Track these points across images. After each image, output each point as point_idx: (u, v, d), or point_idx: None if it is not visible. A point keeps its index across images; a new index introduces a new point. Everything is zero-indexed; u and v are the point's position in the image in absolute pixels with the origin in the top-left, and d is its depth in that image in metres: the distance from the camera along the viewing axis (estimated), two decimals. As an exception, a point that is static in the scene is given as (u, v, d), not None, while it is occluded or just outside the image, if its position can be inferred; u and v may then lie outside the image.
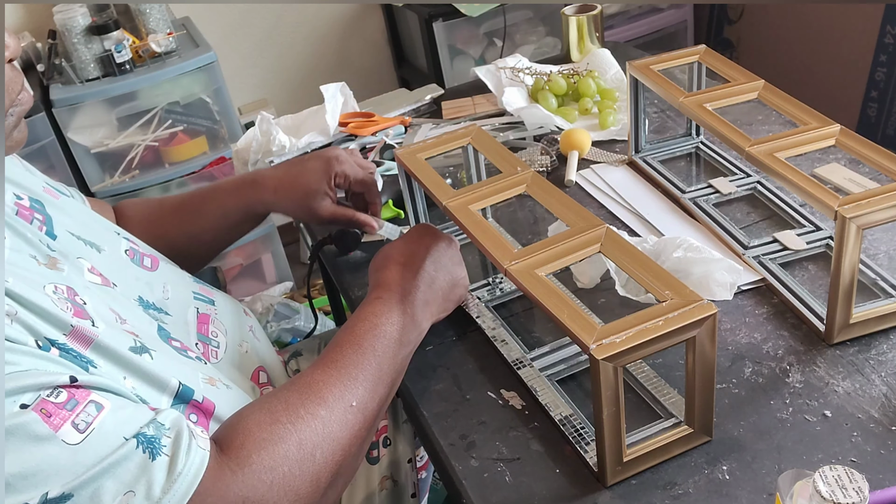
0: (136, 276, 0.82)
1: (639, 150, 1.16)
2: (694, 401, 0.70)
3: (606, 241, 0.74)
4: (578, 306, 0.67)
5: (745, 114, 1.22)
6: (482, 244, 0.77)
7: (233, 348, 0.87)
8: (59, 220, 0.77)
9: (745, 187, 1.06)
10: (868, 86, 2.28)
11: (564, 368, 0.84)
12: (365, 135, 1.35)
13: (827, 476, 0.54)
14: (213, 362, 0.82)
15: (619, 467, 0.70)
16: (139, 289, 0.80)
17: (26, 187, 0.79)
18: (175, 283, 0.87)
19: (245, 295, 2.21)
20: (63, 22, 1.87)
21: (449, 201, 0.83)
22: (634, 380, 0.80)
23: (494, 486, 0.73)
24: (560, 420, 0.77)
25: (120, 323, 0.69)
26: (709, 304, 0.65)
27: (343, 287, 1.05)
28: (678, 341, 0.65)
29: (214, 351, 0.84)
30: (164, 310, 0.81)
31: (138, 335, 0.69)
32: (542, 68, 1.43)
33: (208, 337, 0.85)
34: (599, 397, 0.64)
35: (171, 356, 0.72)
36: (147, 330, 0.73)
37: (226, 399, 0.73)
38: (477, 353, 0.88)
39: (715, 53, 1.05)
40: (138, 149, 2.03)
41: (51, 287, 0.64)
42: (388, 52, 2.63)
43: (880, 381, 0.76)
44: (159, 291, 0.83)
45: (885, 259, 0.90)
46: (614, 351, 0.62)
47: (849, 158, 1.06)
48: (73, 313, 0.63)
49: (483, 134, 0.95)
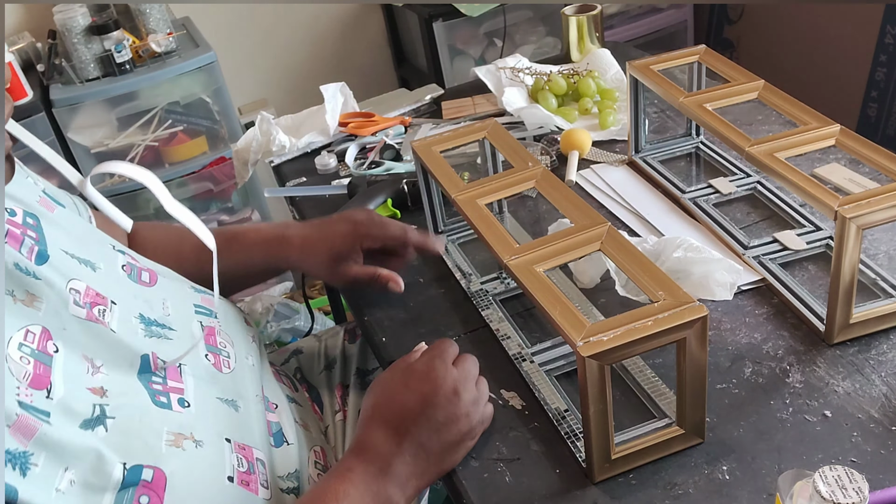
0: (135, 293, 0.79)
1: (639, 150, 1.16)
2: (685, 402, 0.70)
3: (607, 240, 0.75)
4: (573, 304, 0.68)
5: (745, 114, 1.22)
6: (485, 238, 0.78)
7: (241, 361, 0.85)
8: (54, 238, 0.73)
9: (745, 187, 1.06)
10: (868, 86, 2.28)
11: (564, 364, 0.84)
12: (365, 135, 1.35)
13: (827, 476, 0.54)
14: (226, 372, 0.80)
15: (607, 464, 0.70)
16: (139, 306, 0.77)
17: (20, 199, 0.75)
18: (175, 298, 0.84)
19: (245, 295, 2.20)
20: (63, 22, 1.87)
21: (458, 195, 0.84)
22: (633, 379, 0.80)
23: (494, 486, 0.73)
24: (555, 415, 0.78)
25: (90, 373, 0.66)
26: (700, 307, 0.65)
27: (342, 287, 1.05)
28: (667, 342, 0.65)
29: (226, 360, 0.82)
30: (168, 325, 0.78)
31: (106, 390, 0.66)
32: (542, 68, 1.43)
33: (217, 347, 0.83)
34: (586, 394, 0.64)
35: (131, 419, 0.67)
36: (122, 377, 0.69)
37: (188, 465, 0.68)
38: (477, 353, 0.87)
39: (715, 53, 1.05)
40: (138, 149, 2.03)
41: (19, 336, 0.62)
42: (388, 52, 2.63)
43: (880, 381, 0.76)
44: (159, 308, 0.80)
45: (885, 259, 0.90)
46: (601, 349, 0.63)
47: (849, 158, 1.06)
48: (30, 381, 0.60)
49: (499, 129, 0.95)
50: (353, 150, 1.32)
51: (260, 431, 0.80)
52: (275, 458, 0.81)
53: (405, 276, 0.95)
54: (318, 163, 1.31)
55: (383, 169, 1.26)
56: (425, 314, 0.95)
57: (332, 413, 1.01)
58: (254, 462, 0.76)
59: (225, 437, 0.74)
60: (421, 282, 1.00)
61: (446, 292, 0.98)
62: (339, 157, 1.33)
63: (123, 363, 0.71)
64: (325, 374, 1.07)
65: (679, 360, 0.67)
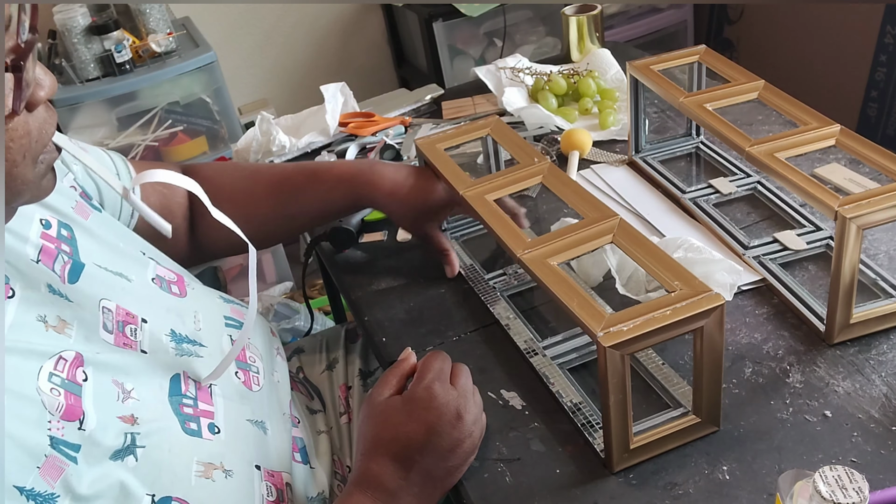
0: (167, 306, 0.77)
1: (639, 150, 1.16)
2: (702, 391, 0.70)
3: (619, 232, 0.75)
4: (589, 296, 0.68)
5: (745, 114, 1.22)
6: (497, 233, 0.78)
7: (268, 377, 0.84)
8: (88, 251, 0.73)
9: (746, 187, 1.06)
10: (868, 86, 2.28)
11: (576, 357, 0.84)
12: (365, 135, 1.35)
13: (827, 476, 0.54)
14: (256, 390, 0.80)
15: (626, 454, 0.71)
16: (170, 321, 0.76)
17: (56, 209, 0.73)
18: (206, 311, 0.82)
19: (245, 295, 2.20)
20: (63, 22, 1.87)
21: (466, 191, 0.85)
22: (644, 369, 0.81)
23: (494, 487, 0.73)
24: (570, 407, 0.78)
25: (121, 399, 0.65)
26: (717, 295, 0.65)
27: (343, 287, 1.05)
28: (686, 331, 0.65)
29: (256, 377, 0.81)
30: (199, 342, 0.77)
31: (136, 418, 0.65)
32: (542, 68, 1.43)
33: (247, 363, 0.81)
34: (606, 385, 0.65)
35: (161, 448, 0.65)
36: (152, 402, 0.68)
37: (217, 497, 0.67)
38: (477, 353, 0.88)
39: (715, 53, 1.05)
40: (138, 149, 2.02)
41: (50, 365, 0.61)
42: (388, 52, 2.63)
43: (880, 381, 0.76)
44: (191, 322, 0.78)
45: (886, 259, 0.90)
46: (622, 339, 0.63)
47: (849, 158, 1.06)
48: (63, 412, 0.59)
49: (502, 125, 0.96)
50: (353, 150, 1.32)
51: (287, 452, 0.80)
52: (302, 479, 0.81)
53: (405, 276, 0.95)
54: (319, 163, 1.31)
55: (383, 169, 1.25)
56: (426, 314, 0.95)
57: (335, 415, 1.01)
58: (283, 489, 0.76)
59: (255, 464, 0.73)
60: (421, 281, 1.00)
61: (446, 292, 0.98)
62: (339, 157, 1.33)
63: (154, 386, 0.69)
64: (326, 374, 1.07)
65: (696, 349, 0.68)
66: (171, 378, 0.71)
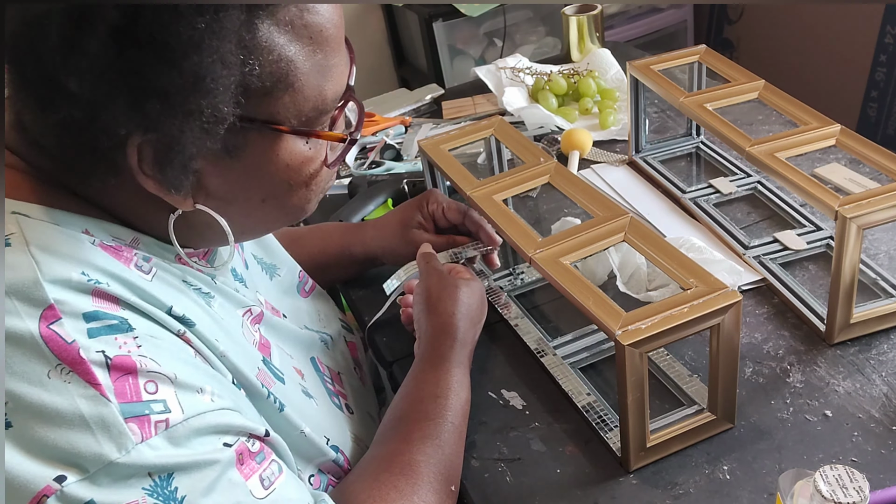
0: (299, 304, 0.84)
1: (639, 150, 1.16)
2: (717, 388, 0.71)
3: (630, 230, 0.75)
4: (603, 294, 0.68)
5: (745, 114, 1.22)
6: (507, 233, 0.78)
7: (366, 379, 0.89)
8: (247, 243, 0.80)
9: (746, 187, 1.06)
10: (868, 86, 2.28)
11: (587, 357, 0.84)
12: (365, 135, 1.35)
13: (828, 476, 0.54)
14: (367, 387, 0.85)
15: (643, 452, 0.71)
16: (302, 318, 0.82)
17: None
18: (326, 308, 0.88)
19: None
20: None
21: (473, 191, 0.85)
22: (657, 367, 0.81)
23: (495, 486, 0.73)
24: (583, 407, 0.78)
25: (290, 356, 0.72)
26: (733, 292, 0.65)
27: (343, 287, 1.05)
28: (703, 328, 0.65)
29: (364, 377, 0.87)
30: (328, 335, 0.83)
31: (304, 374, 0.72)
32: (542, 68, 1.43)
33: (359, 361, 0.87)
34: (625, 383, 0.65)
35: (321, 405, 0.73)
36: (306, 370, 0.75)
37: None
38: (477, 353, 0.87)
39: (715, 53, 1.05)
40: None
41: (241, 312, 0.67)
42: (388, 52, 2.63)
43: (881, 380, 0.76)
44: (316, 318, 0.85)
45: (886, 259, 0.90)
46: (640, 337, 0.63)
47: (849, 158, 1.06)
48: (258, 346, 0.66)
49: (506, 125, 0.96)
50: (353, 150, 1.32)
51: None
52: None
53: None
54: (319, 163, 1.31)
55: (384, 169, 1.26)
56: (426, 314, 0.95)
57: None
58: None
59: None
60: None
61: (447, 292, 0.97)
62: (339, 157, 1.32)
63: (304, 359, 0.76)
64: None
65: (713, 346, 0.68)
66: (310, 358, 0.79)
